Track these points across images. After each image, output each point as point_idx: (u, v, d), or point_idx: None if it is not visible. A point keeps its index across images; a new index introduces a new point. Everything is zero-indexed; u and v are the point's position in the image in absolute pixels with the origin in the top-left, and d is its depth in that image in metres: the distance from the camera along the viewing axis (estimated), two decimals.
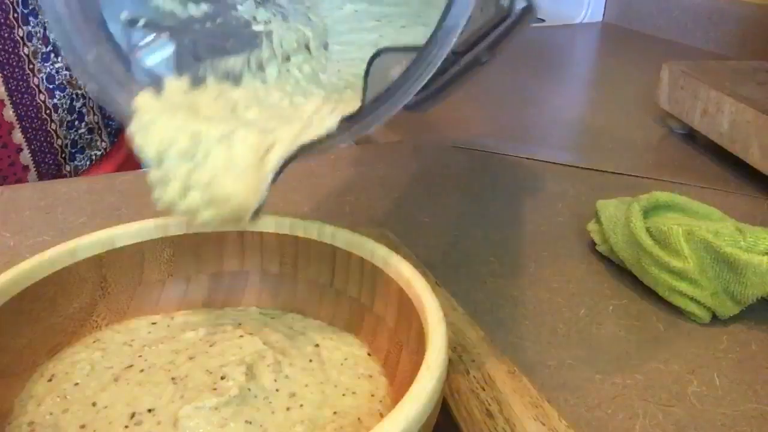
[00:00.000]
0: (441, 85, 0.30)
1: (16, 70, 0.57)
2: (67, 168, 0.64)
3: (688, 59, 0.72)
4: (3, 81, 0.56)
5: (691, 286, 0.37)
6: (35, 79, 0.58)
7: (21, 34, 0.56)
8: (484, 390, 0.27)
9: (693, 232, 0.37)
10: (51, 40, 0.58)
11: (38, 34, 0.58)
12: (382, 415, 0.25)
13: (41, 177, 0.61)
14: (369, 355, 0.28)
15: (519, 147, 0.63)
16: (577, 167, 0.59)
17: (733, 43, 1.03)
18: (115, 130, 0.68)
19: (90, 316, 0.29)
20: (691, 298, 0.37)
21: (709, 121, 0.61)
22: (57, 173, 0.63)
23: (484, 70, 0.30)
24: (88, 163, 0.65)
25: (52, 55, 0.59)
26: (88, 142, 0.65)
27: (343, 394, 0.26)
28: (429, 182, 0.55)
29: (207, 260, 0.32)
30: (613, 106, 0.81)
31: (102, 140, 0.66)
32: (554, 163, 0.60)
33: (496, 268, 0.42)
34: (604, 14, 1.31)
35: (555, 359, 0.34)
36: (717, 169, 0.60)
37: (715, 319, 0.38)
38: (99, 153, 0.66)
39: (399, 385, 0.26)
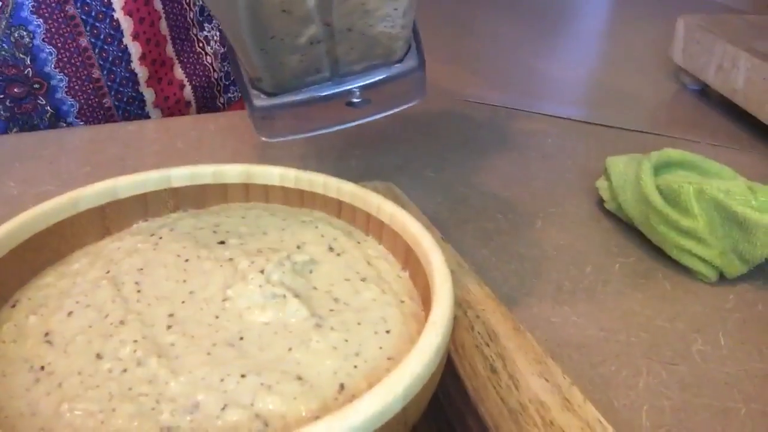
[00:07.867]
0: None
1: (175, 5, 0.56)
2: (221, 100, 0.63)
3: (704, 12, 0.70)
4: (165, 17, 0.56)
5: (699, 246, 0.36)
6: (190, 13, 0.58)
7: None
8: (488, 346, 0.27)
9: (704, 191, 0.36)
10: None
11: None
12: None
13: (199, 111, 0.61)
14: None
15: (527, 101, 0.62)
16: (587, 123, 0.58)
17: None
18: None
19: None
20: (699, 258, 0.37)
21: (724, 77, 0.60)
22: (212, 107, 0.62)
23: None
24: (238, 95, 0.64)
25: None
26: None
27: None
28: (436, 137, 0.54)
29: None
30: (625, 60, 0.80)
31: None
32: (564, 118, 0.59)
33: (502, 225, 0.42)
34: None
35: (560, 316, 0.34)
36: (730, 126, 0.59)
37: (722, 278, 0.37)
38: None
39: None
